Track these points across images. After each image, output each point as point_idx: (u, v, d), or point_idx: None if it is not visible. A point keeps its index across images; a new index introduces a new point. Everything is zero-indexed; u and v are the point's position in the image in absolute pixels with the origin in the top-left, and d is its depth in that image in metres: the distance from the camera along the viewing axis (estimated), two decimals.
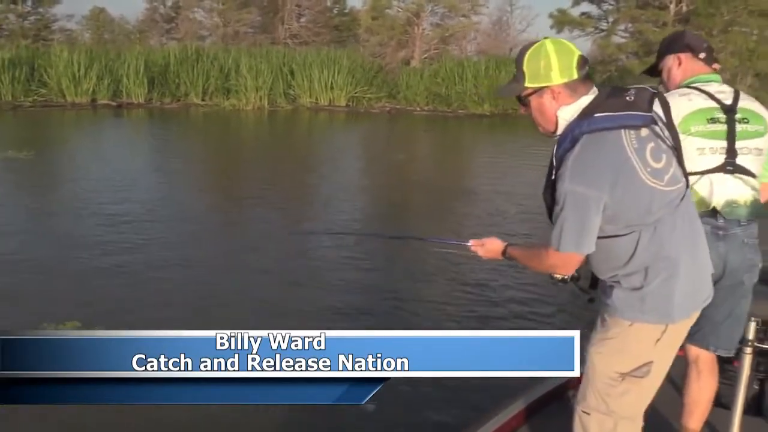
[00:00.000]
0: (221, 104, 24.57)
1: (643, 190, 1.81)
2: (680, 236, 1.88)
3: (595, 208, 1.79)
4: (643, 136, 1.83)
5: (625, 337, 1.92)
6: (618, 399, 1.95)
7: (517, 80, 1.94)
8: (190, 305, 5.14)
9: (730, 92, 2.47)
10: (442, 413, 3.67)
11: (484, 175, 12.56)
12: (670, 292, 1.87)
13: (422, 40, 29.88)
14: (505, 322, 4.87)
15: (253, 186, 10.77)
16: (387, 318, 4.95)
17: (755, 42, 23.79)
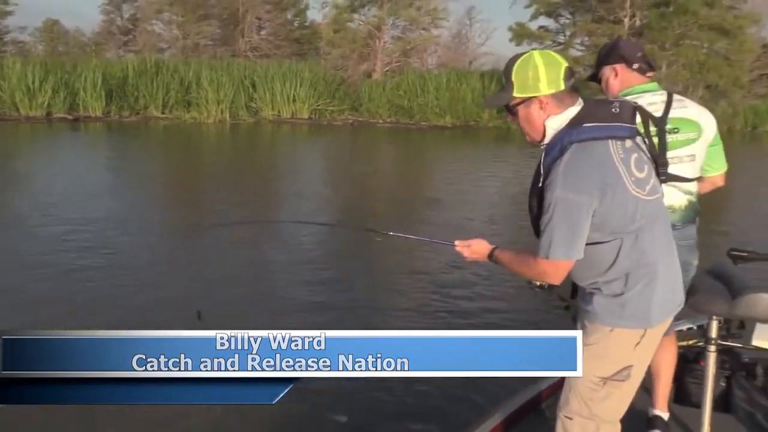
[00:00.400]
0: (182, 117, 24.26)
1: (628, 199, 1.86)
2: (658, 244, 1.95)
3: (585, 215, 1.83)
4: (627, 147, 1.90)
5: (606, 343, 1.95)
6: (600, 403, 1.98)
7: (506, 90, 1.98)
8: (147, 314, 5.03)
9: (662, 102, 2.60)
10: (422, 422, 3.66)
11: (449, 185, 12.66)
12: (650, 297, 1.92)
13: (384, 53, 30.08)
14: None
15: (214, 199, 10.62)
16: (368, 316, 4.93)
17: (705, 55, 24.70)
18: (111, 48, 39.95)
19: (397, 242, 7.85)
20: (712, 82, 24.38)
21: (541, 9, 27.37)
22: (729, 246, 2.98)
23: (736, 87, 25.82)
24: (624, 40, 2.89)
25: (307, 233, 7.93)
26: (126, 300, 5.41)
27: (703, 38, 24.59)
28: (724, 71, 24.61)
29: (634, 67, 2.66)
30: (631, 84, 2.66)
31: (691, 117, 2.62)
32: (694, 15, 24.03)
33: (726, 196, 12.21)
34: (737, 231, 9.09)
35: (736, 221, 10.04)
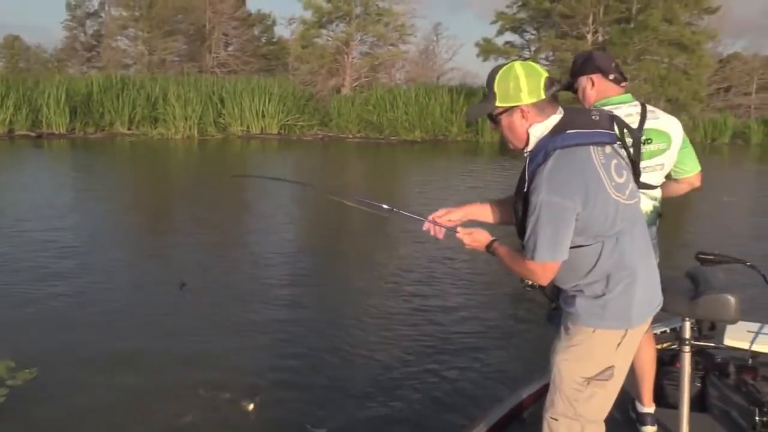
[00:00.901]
0: (149, 133, 23.97)
1: (609, 203, 1.91)
2: (637, 247, 2.02)
3: (569, 218, 1.88)
4: (608, 153, 1.97)
5: (589, 344, 2.00)
6: (585, 403, 2.03)
7: (488, 100, 2.04)
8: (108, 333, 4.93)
9: (637, 114, 2.73)
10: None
11: (420, 197, 12.72)
12: (630, 299, 1.98)
13: (352, 68, 30.21)
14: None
15: (182, 215, 10.48)
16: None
17: (666, 69, 25.36)
18: (74, 64, 39.40)
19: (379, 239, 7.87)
20: (673, 95, 25.03)
21: (507, 25, 27.85)
22: (696, 250, 3.05)
23: (695, 101, 26.55)
24: (597, 52, 2.96)
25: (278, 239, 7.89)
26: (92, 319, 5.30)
27: (663, 53, 25.27)
28: (683, 85, 25.30)
29: (610, 78, 2.75)
30: (607, 94, 2.75)
31: (662, 128, 2.76)
32: (654, 31, 24.70)
33: (690, 206, 12.52)
34: (703, 238, 9.30)
35: (702, 229, 10.27)
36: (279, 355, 4.62)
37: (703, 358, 3.01)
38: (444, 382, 4.21)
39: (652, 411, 2.79)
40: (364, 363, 4.49)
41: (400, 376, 4.27)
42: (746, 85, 36.16)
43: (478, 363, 4.54)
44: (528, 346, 4.78)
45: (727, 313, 2.41)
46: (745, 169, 23.09)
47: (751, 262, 3.15)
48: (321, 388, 4.09)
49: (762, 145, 32.21)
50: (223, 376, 4.20)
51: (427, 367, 4.45)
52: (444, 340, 4.98)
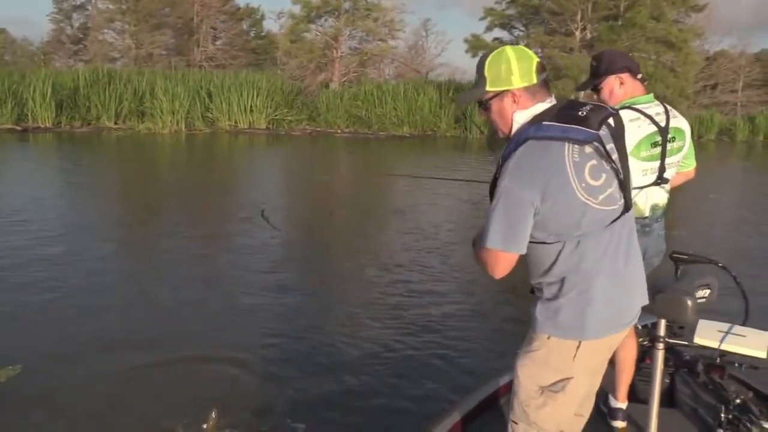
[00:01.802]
0: (136, 128, 23.85)
1: (574, 204, 1.82)
2: (604, 256, 1.90)
3: (526, 209, 1.81)
4: (586, 152, 1.84)
5: (545, 352, 1.94)
6: (536, 411, 1.97)
7: (478, 86, 1.97)
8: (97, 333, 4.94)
9: (664, 112, 2.80)
10: (383, 421, 3.69)
11: (409, 192, 12.75)
12: (583, 307, 1.88)
13: (341, 63, 30.18)
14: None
15: (170, 210, 10.47)
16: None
17: (653, 66, 25.52)
18: (61, 57, 39.06)
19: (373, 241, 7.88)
20: (660, 93, 25.12)
21: (496, 21, 27.92)
22: (681, 247, 3.10)
23: (682, 98, 26.74)
24: (619, 50, 2.98)
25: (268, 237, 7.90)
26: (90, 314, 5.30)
27: (651, 50, 25.44)
28: (670, 82, 25.48)
29: (639, 77, 2.81)
30: (635, 94, 2.80)
31: (681, 126, 2.86)
32: (641, 28, 24.85)
33: (678, 202, 12.61)
34: (688, 235, 9.39)
35: (691, 225, 10.37)
36: (260, 344, 4.64)
37: (673, 355, 3.06)
38: (427, 370, 4.29)
39: (624, 407, 2.84)
40: (347, 353, 4.53)
41: (380, 365, 4.32)
42: (732, 83, 36.49)
43: (462, 350, 4.61)
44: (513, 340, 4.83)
45: (682, 314, 2.43)
46: (732, 165, 23.28)
47: (723, 263, 3.20)
48: (300, 380, 4.12)
49: (748, 141, 32.53)
50: (206, 368, 4.22)
51: (410, 354, 4.52)
52: (428, 327, 5.04)
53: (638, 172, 2.73)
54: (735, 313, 3.10)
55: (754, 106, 35.83)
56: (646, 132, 2.73)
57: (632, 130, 2.69)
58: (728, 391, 2.87)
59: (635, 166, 2.69)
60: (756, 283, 6.64)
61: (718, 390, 2.93)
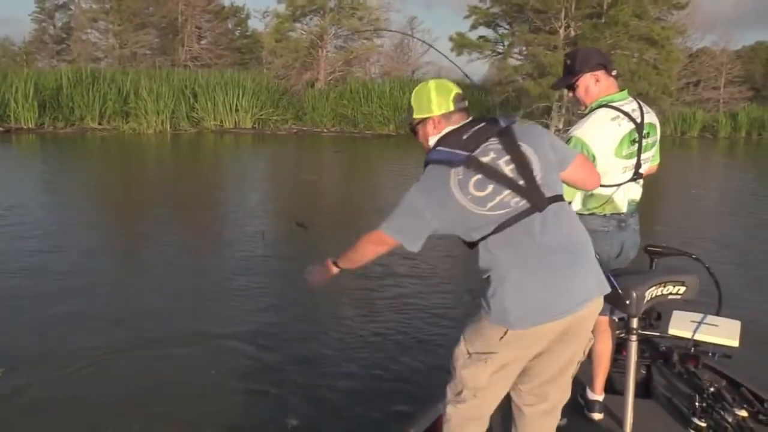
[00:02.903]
0: (120, 128, 23.71)
1: (463, 214, 2.10)
2: (518, 252, 2.08)
3: (417, 220, 2.15)
4: (469, 170, 2.10)
5: (481, 326, 2.17)
6: (460, 369, 2.23)
7: (409, 112, 2.33)
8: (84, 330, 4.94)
9: (638, 108, 2.84)
10: (372, 416, 3.73)
11: (397, 193, 12.79)
12: (502, 300, 2.08)
13: (327, 62, 30.13)
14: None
15: (154, 213, 10.43)
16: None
17: (636, 64, 25.69)
18: (43, 57, 38.68)
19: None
20: (643, 89, 25.32)
21: (480, 19, 27.94)
22: (662, 241, 3.16)
23: (665, 95, 26.93)
24: (592, 47, 2.99)
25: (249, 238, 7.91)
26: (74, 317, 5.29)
27: (634, 48, 25.58)
28: (653, 80, 25.64)
29: (613, 74, 2.83)
30: (610, 91, 2.82)
31: (654, 121, 2.90)
32: (624, 26, 24.98)
33: (661, 197, 12.76)
34: (672, 229, 9.51)
35: (672, 220, 10.49)
36: (244, 348, 4.66)
37: (648, 346, 3.12)
38: (409, 366, 4.35)
39: (600, 399, 2.90)
40: (330, 349, 4.56)
41: (363, 362, 4.39)
42: (715, 80, 36.79)
43: (445, 346, 4.66)
44: None
45: (629, 307, 2.49)
46: (714, 161, 23.54)
47: (696, 255, 3.28)
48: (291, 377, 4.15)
49: (730, 138, 32.89)
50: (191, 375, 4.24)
51: (391, 358, 4.55)
52: (417, 326, 5.08)
53: (618, 169, 2.78)
54: (710, 303, 3.18)
55: (736, 102, 36.18)
56: (626, 129, 2.76)
57: (613, 128, 2.74)
58: (702, 380, 2.94)
59: (616, 164, 2.76)
60: (730, 274, 6.78)
61: (692, 379, 3.00)
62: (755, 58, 41.77)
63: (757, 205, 12.51)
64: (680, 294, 2.81)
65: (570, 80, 2.86)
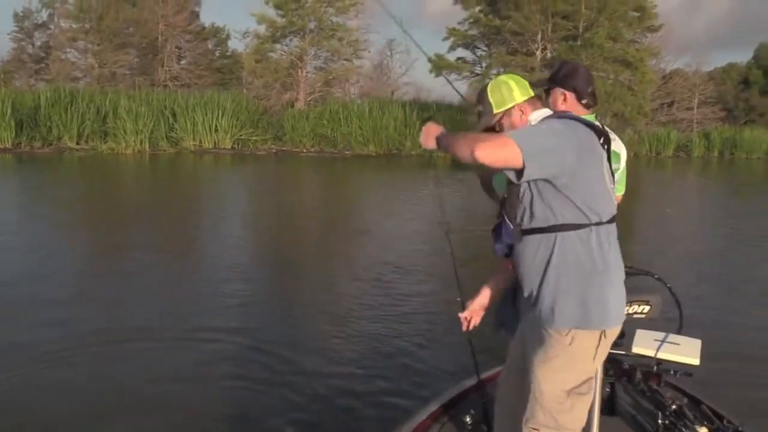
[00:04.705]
0: (98, 148, 23.55)
1: (597, 174, 2.10)
2: (614, 249, 2.14)
3: (556, 144, 1.98)
4: (603, 147, 2.18)
5: (569, 347, 2.13)
6: (561, 417, 2.15)
7: (485, 113, 2.25)
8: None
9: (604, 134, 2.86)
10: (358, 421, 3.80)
11: (376, 212, 12.87)
12: (605, 297, 2.07)
13: (306, 82, 30.31)
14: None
15: (134, 234, 10.38)
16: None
17: (611, 85, 26.21)
18: (21, 77, 38.40)
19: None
20: (618, 110, 25.85)
21: (459, 41, 28.38)
22: (635, 261, 3.24)
23: (640, 115, 27.50)
24: (584, 68, 2.95)
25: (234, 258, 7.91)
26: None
27: (609, 69, 26.12)
28: (628, 100, 26.18)
29: (583, 102, 2.77)
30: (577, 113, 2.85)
31: (618, 150, 2.89)
32: (600, 48, 25.55)
33: (637, 217, 12.95)
34: (645, 248, 9.66)
35: (646, 239, 10.65)
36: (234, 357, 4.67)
37: (613, 364, 3.19)
38: (393, 375, 4.49)
39: None
40: (315, 359, 4.59)
41: (348, 371, 4.47)
42: (688, 100, 37.60)
43: (427, 355, 4.81)
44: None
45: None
46: (688, 180, 23.97)
47: (659, 275, 3.37)
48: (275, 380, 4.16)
49: (704, 157, 33.54)
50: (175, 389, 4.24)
51: (374, 364, 4.64)
52: (396, 335, 5.18)
53: None
54: (669, 323, 3.27)
55: (709, 122, 36.97)
56: None
57: None
58: (665, 398, 3.00)
59: None
60: (696, 293, 6.92)
61: (655, 397, 3.07)
62: (727, 79, 42.74)
63: (729, 224, 12.77)
64: (644, 313, 2.90)
65: (547, 85, 2.85)
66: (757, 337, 5.66)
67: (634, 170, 3.16)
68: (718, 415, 2.91)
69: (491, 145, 1.91)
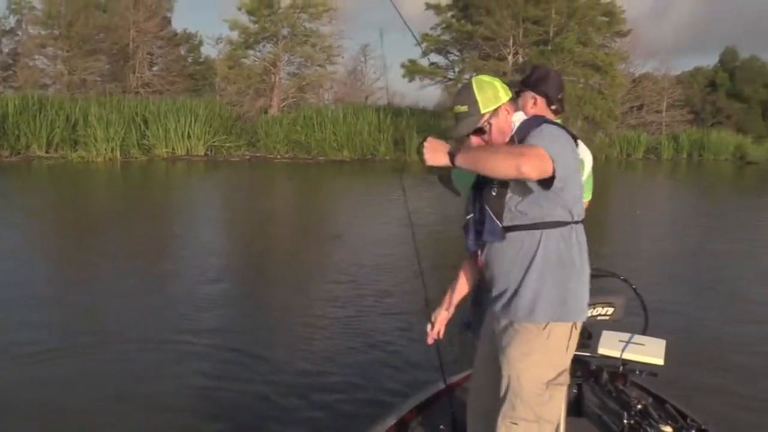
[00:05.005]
0: (68, 156, 23.17)
1: (578, 178, 2.22)
2: (583, 250, 2.26)
3: (572, 155, 2.13)
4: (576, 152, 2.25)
5: (547, 340, 2.21)
6: (540, 408, 2.19)
7: (471, 114, 2.19)
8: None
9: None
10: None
11: (348, 217, 12.85)
12: (578, 292, 2.19)
13: (280, 88, 30.21)
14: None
15: (106, 241, 10.24)
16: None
17: (582, 89, 26.57)
18: None
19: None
20: (589, 114, 26.21)
21: (432, 46, 28.54)
22: (604, 263, 3.29)
23: (610, 119, 27.91)
24: (555, 74, 2.97)
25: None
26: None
27: (579, 74, 26.48)
28: (599, 104, 26.56)
29: (552, 108, 2.83)
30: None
31: (584, 157, 2.86)
32: (570, 53, 25.89)
33: (608, 219, 13.12)
34: (616, 249, 9.79)
35: (616, 240, 10.79)
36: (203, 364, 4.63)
37: (580, 365, 3.24)
38: (360, 378, 4.53)
39: None
40: (285, 363, 4.58)
41: (317, 376, 4.44)
42: (657, 104, 38.23)
43: (397, 360, 4.83)
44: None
45: None
46: (658, 182, 24.36)
47: (624, 276, 3.43)
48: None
49: (673, 159, 34.13)
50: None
51: (338, 371, 4.63)
52: (362, 342, 5.21)
53: None
54: (634, 324, 3.32)
55: (677, 125, 37.64)
56: None
57: None
58: (630, 398, 3.06)
59: None
60: (664, 293, 7.03)
61: (621, 397, 3.12)
62: (694, 83, 43.54)
63: (699, 224, 13.01)
64: (609, 315, 2.95)
65: (517, 87, 2.87)
66: (724, 337, 5.78)
67: (605, 173, 3.26)
68: (682, 414, 2.97)
69: (535, 158, 1.96)
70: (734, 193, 21.95)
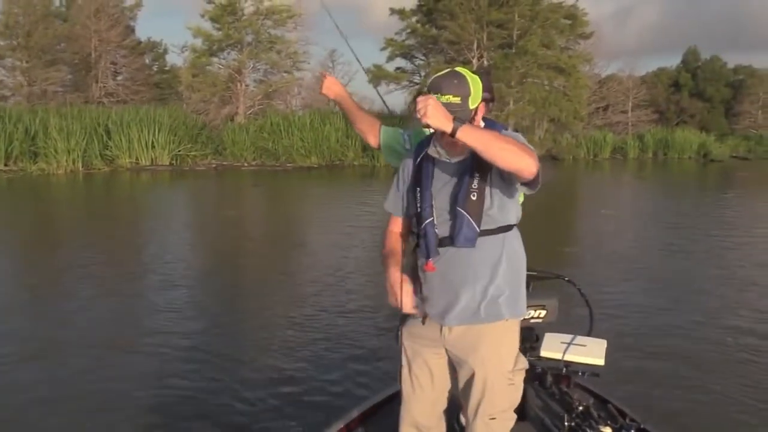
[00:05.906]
0: (28, 169, 22.64)
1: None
2: None
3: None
4: None
5: (513, 335, 2.34)
6: (516, 393, 2.34)
7: (464, 107, 2.05)
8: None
9: None
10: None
11: (316, 223, 12.73)
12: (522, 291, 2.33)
13: (246, 96, 29.98)
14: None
15: (69, 254, 9.96)
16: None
17: (547, 91, 26.89)
18: None
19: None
20: (555, 115, 26.51)
21: (397, 51, 28.62)
22: (573, 262, 3.24)
23: (576, 119, 28.27)
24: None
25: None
26: None
27: (543, 76, 26.80)
28: (564, 106, 26.89)
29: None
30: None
31: None
32: (533, 55, 26.17)
33: (573, 218, 13.22)
34: (581, 250, 9.83)
35: (581, 241, 10.85)
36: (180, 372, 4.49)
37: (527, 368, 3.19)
38: (320, 381, 4.58)
39: None
40: (244, 368, 4.47)
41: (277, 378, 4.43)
42: (622, 104, 38.87)
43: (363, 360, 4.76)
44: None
45: None
46: (624, 182, 24.67)
47: (569, 277, 3.39)
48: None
49: (639, 158, 34.64)
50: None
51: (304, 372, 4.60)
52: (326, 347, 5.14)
53: None
54: (576, 325, 3.29)
55: (643, 125, 38.29)
56: None
57: None
58: (573, 399, 3.01)
59: None
60: (621, 292, 7.05)
61: (564, 399, 3.07)
62: (658, 83, 44.37)
63: (664, 222, 13.16)
64: (542, 318, 2.91)
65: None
66: (678, 334, 5.79)
67: (572, 173, 3.26)
68: (622, 413, 2.92)
69: (533, 156, 1.96)
70: (698, 190, 22.32)
